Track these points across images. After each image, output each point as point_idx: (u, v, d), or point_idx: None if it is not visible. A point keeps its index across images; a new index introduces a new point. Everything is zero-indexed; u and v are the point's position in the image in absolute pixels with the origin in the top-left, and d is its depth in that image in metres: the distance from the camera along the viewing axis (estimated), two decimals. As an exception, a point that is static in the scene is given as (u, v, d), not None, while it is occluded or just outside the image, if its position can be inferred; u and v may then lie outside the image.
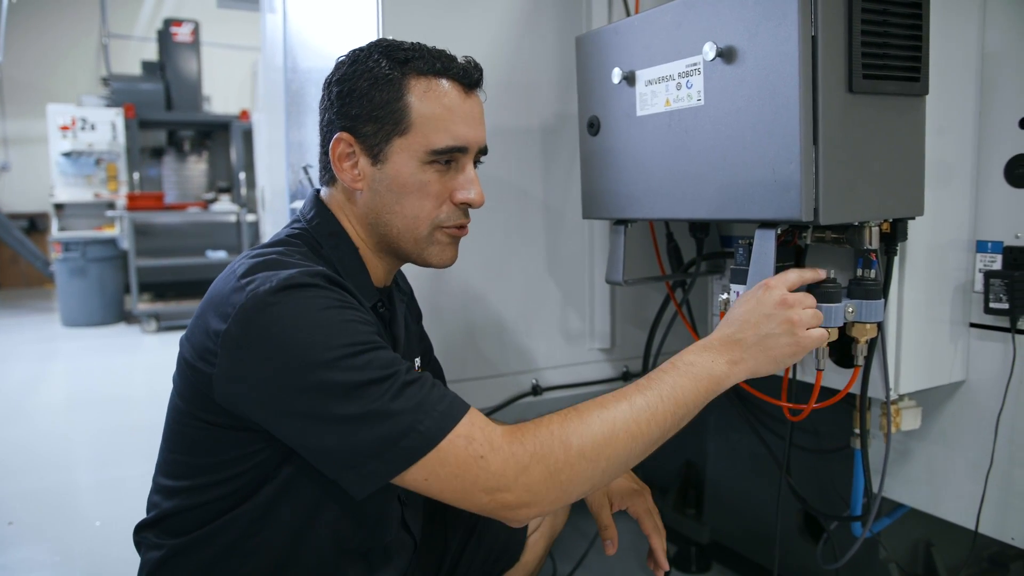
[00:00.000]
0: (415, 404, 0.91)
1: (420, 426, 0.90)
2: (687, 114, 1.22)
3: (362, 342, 0.93)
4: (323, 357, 0.90)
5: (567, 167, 1.74)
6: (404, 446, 0.90)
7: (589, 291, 1.81)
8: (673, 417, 1.00)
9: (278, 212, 2.60)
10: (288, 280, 0.93)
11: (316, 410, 0.91)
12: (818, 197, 1.06)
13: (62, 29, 9.60)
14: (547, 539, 1.47)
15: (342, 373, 0.90)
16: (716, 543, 2.09)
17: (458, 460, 0.90)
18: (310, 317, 0.92)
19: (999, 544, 1.37)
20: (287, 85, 2.24)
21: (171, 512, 1.07)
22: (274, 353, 0.91)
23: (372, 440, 0.90)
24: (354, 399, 0.90)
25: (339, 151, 1.10)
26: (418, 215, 1.10)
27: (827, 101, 1.05)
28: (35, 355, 5.77)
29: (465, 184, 1.11)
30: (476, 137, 1.11)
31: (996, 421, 1.30)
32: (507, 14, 1.65)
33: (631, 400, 0.97)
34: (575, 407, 0.97)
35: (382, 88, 1.06)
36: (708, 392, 1.03)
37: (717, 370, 1.03)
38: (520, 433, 0.93)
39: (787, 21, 1.03)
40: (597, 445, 0.94)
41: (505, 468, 0.90)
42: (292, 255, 1.04)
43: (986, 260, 1.31)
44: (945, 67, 1.24)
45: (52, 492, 2.91)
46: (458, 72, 1.09)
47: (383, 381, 0.91)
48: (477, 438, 0.91)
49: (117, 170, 7.14)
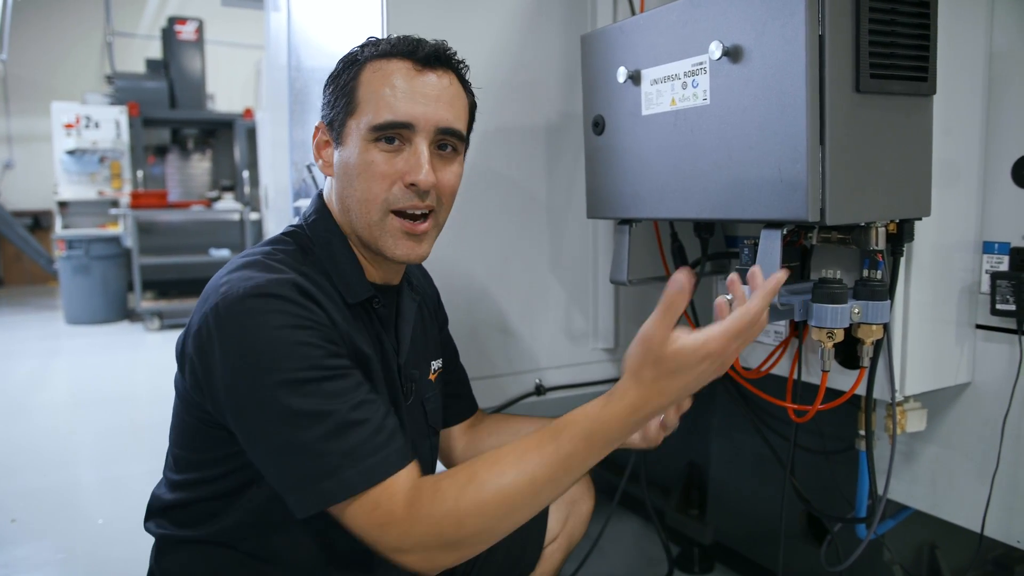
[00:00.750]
0: (347, 449, 0.92)
1: (341, 474, 0.91)
2: (693, 113, 1.21)
3: (313, 366, 0.93)
4: (269, 378, 0.92)
5: (571, 166, 1.73)
6: (321, 488, 0.91)
7: (593, 291, 1.80)
8: (572, 481, 0.95)
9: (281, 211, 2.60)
10: (255, 289, 0.95)
11: (258, 426, 0.94)
12: (824, 197, 1.05)
13: (66, 27, 9.61)
14: (564, 551, 1.45)
15: (284, 398, 0.92)
16: (719, 544, 2.09)
17: (361, 521, 0.93)
18: (265, 334, 0.93)
19: (1004, 547, 1.37)
20: (291, 83, 2.24)
21: (173, 504, 1.12)
22: (229, 363, 0.94)
23: (296, 473, 0.93)
24: (290, 427, 0.92)
25: (317, 139, 1.14)
26: (367, 197, 1.07)
27: (834, 101, 1.04)
28: (39, 353, 5.78)
29: (413, 164, 1.06)
30: (424, 113, 1.06)
31: (1002, 423, 1.29)
32: (512, 13, 1.65)
33: (534, 474, 0.92)
34: (475, 472, 0.93)
35: (346, 72, 1.10)
36: (606, 453, 0.95)
37: (624, 437, 0.93)
38: (418, 504, 0.92)
39: (794, 20, 1.03)
40: (491, 520, 0.93)
41: (402, 539, 0.92)
42: (276, 256, 1.06)
43: (993, 261, 1.30)
44: (952, 67, 1.23)
45: (55, 490, 2.92)
46: (408, 49, 1.08)
47: (322, 415, 0.92)
48: (383, 506, 0.92)
49: (121, 168, 7.16)
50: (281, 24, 2.32)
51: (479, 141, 1.58)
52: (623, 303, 1.84)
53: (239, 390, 0.94)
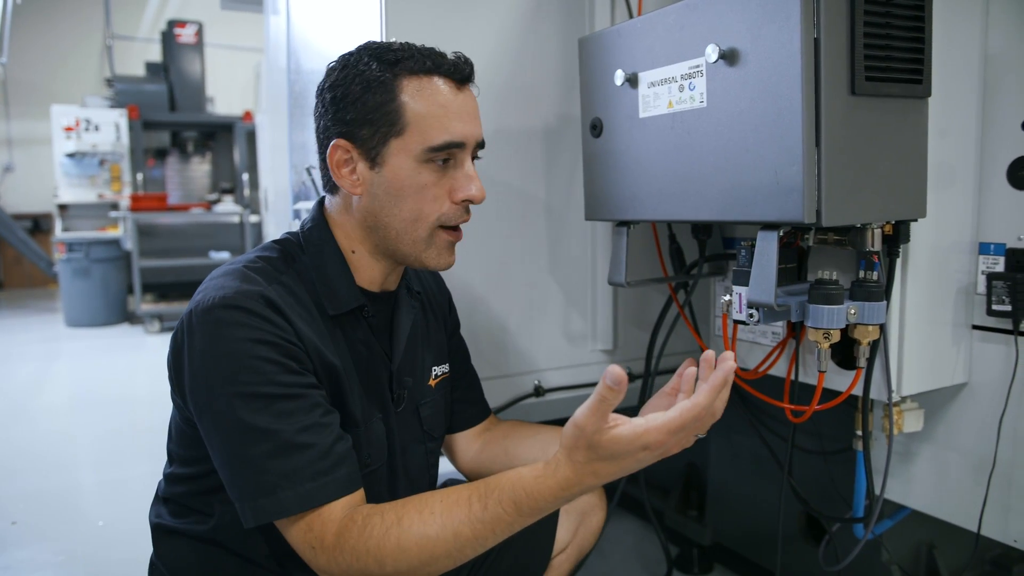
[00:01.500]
0: (287, 471, 0.95)
1: (279, 493, 0.95)
2: (690, 116, 1.22)
3: (267, 382, 0.96)
4: (224, 389, 0.96)
5: (569, 169, 1.74)
6: (260, 504, 0.95)
7: (591, 292, 1.81)
8: (494, 543, 0.95)
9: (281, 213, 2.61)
10: (223, 300, 0.99)
11: (213, 433, 0.99)
12: (820, 199, 1.06)
13: (66, 30, 9.62)
14: (573, 562, 1.42)
15: (235, 411, 0.95)
16: (718, 544, 2.09)
17: (297, 540, 0.98)
18: (225, 346, 0.97)
19: (1002, 546, 1.37)
20: (290, 86, 2.25)
21: (168, 497, 1.18)
22: (192, 369, 0.99)
23: (240, 485, 0.97)
24: (237, 439, 0.96)
25: (336, 158, 1.10)
26: (417, 217, 1.10)
27: (829, 103, 1.05)
28: (38, 355, 5.78)
29: (465, 181, 1.10)
30: (472, 132, 1.10)
31: (999, 423, 1.30)
32: (510, 15, 1.66)
33: (457, 529, 0.93)
34: (400, 517, 0.94)
35: (375, 91, 1.06)
36: (533, 520, 0.94)
37: (551, 509, 0.93)
38: (346, 535, 0.95)
39: (790, 23, 1.04)
40: (411, 567, 0.94)
41: (329, 566, 0.96)
42: (258, 263, 1.09)
43: (988, 262, 1.31)
44: (947, 69, 1.24)
45: (55, 492, 2.92)
46: (449, 68, 1.09)
47: (268, 433, 0.95)
48: (315, 530, 0.96)
49: (121, 171, 7.17)
50: (280, 27, 2.32)
51: (478, 144, 1.59)
52: (621, 304, 1.84)
53: (200, 396, 0.99)
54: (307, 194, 2.06)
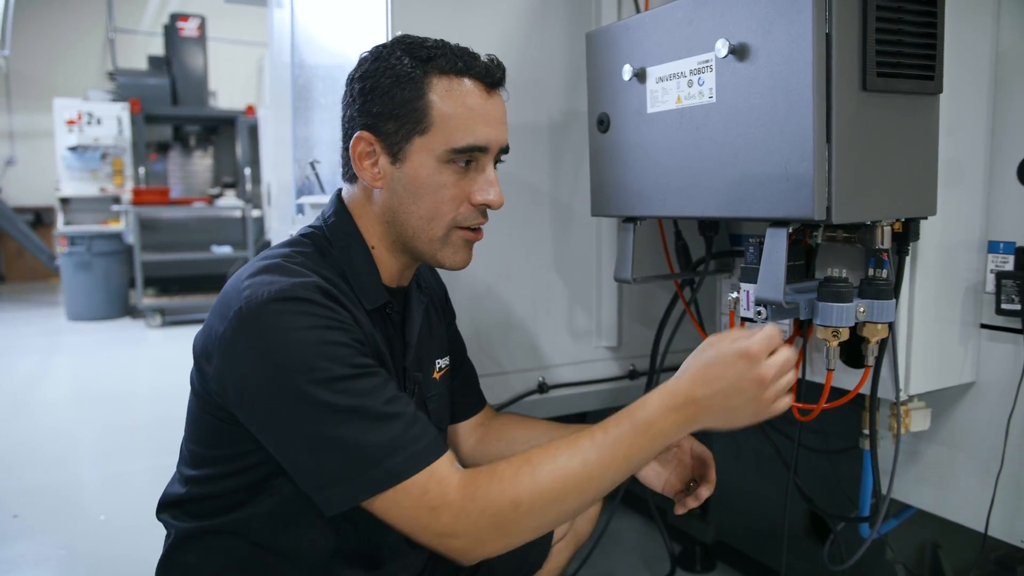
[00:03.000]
0: (386, 440, 0.93)
1: (386, 463, 0.93)
2: (698, 112, 1.21)
3: (345, 364, 0.95)
4: (303, 377, 0.92)
5: (576, 164, 1.73)
6: (368, 477, 0.93)
7: (596, 289, 1.80)
8: (623, 472, 0.99)
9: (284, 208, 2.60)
10: (280, 293, 0.95)
11: (291, 426, 0.94)
12: (831, 196, 1.05)
13: (69, 23, 9.61)
14: (571, 548, 1.45)
15: (319, 395, 0.92)
16: (722, 543, 2.09)
17: (411, 507, 0.94)
18: (295, 335, 0.94)
19: (1008, 547, 1.37)
20: (294, 81, 2.24)
21: (186, 498, 1.12)
22: (259, 364, 0.94)
23: (338, 466, 0.93)
24: (326, 422, 0.93)
25: (360, 149, 1.09)
26: (434, 216, 1.09)
27: (841, 99, 1.04)
28: (40, 349, 5.79)
29: (484, 185, 1.10)
30: (497, 137, 1.10)
31: (1007, 423, 1.29)
32: (516, 10, 1.64)
33: (584, 456, 0.96)
34: (528, 458, 0.97)
35: (404, 86, 1.06)
36: (660, 449, 1.00)
37: (673, 432, 0.99)
38: (474, 486, 0.95)
39: (801, 18, 1.03)
40: (546, 502, 0.95)
41: (455, 521, 0.93)
42: (296, 259, 1.06)
43: (998, 261, 1.30)
44: (958, 66, 1.23)
45: (57, 486, 2.92)
46: (480, 71, 1.09)
47: (357, 412, 0.93)
48: (432, 490, 0.94)
49: (123, 164, 7.17)
50: (284, 21, 2.31)
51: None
52: (626, 301, 1.84)
53: (271, 392, 0.94)
54: (310, 189, 2.05)
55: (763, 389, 0.98)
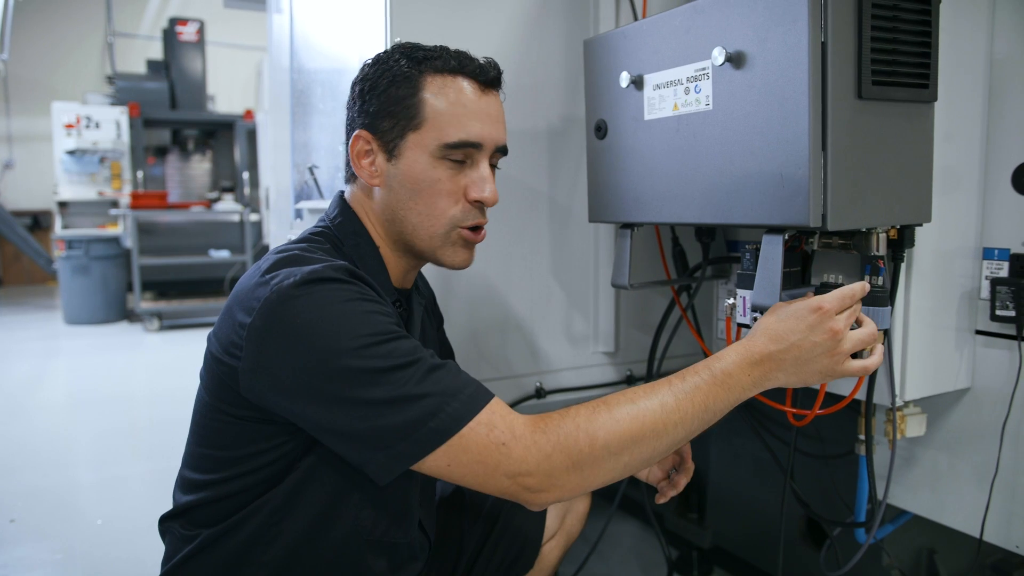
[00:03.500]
0: (441, 389, 0.93)
1: (447, 408, 0.92)
2: (695, 119, 1.21)
3: (384, 331, 0.95)
4: (348, 345, 0.92)
5: (573, 170, 1.74)
6: (432, 427, 0.91)
7: (594, 294, 1.81)
8: (699, 422, 0.99)
9: (283, 212, 2.60)
10: (312, 274, 0.95)
11: (343, 396, 0.92)
12: (826, 203, 1.06)
13: (68, 27, 9.62)
14: (562, 548, 1.47)
15: (367, 360, 0.92)
16: (718, 548, 2.09)
17: (480, 446, 0.92)
18: (333, 308, 0.94)
19: (1003, 552, 1.37)
20: (293, 85, 2.24)
21: (196, 504, 1.09)
22: (299, 344, 0.93)
23: (400, 423, 0.92)
24: (381, 384, 0.92)
25: (358, 148, 1.12)
26: (432, 212, 1.11)
27: (836, 107, 1.05)
28: (37, 353, 5.77)
29: (479, 182, 1.11)
30: (490, 134, 1.12)
31: (1002, 429, 1.29)
32: (515, 16, 1.65)
33: (663, 399, 0.97)
34: (604, 400, 0.98)
35: (399, 85, 1.09)
36: (735, 403, 1.02)
37: (748, 385, 1.02)
38: (544, 423, 0.94)
39: (797, 27, 1.03)
40: (623, 441, 0.94)
41: (527, 455, 0.92)
42: (315, 251, 1.07)
43: (993, 267, 1.31)
44: (953, 74, 1.24)
45: (53, 490, 2.91)
46: (474, 70, 1.11)
47: (408, 367, 0.93)
48: (499, 425, 0.93)
49: (121, 168, 7.16)
50: (283, 26, 2.32)
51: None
52: (624, 307, 1.84)
53: (317, 367, 0.92)
54: (309, 194, 2.05)
55: (836, 342, 1.02)
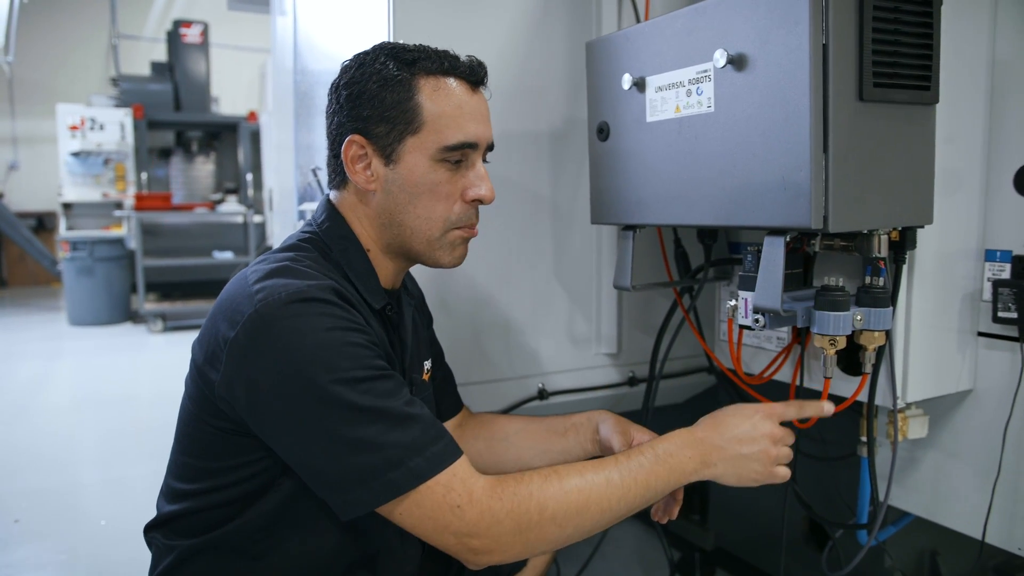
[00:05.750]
0: (408, 441, 0.94)
1: (409, 463, 0.93)
2: (697, 121, 1.22)
3: (365, 366, 0.95)
4: (324, 377, 0.92)
5: (575, 172, 1.74)
6: (390, 479, 0.92)
7: (596, 296, 1.81)
8: (640, 500, 1.04)
9: (286, 214, 2.61)
10: (297, 294, 0.95)
11: (311, 428, 0.93)
12: (827, 205, 1.06)
13: (72, 29, 9.65)
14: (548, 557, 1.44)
15: (341, 396, 0.92)
16: (720, 549, 2.09)
17: (434, 505, 0.94)
18: (315, 336, 0.94)
19: (1006, 554, 1.37)
20: (296, 87, 2.25)
21: (179, 514, 1.09)
22: (277, 366, 0.93)
23: (360, 466, 0.92)
24: (350, 423, 0.92)
25: (351, 153, 1.11)
26: (431, 215, 1.11)
27: (837, 109, 1.05)
28: (41, 354, 5.79)
29: (476, 181, 1.12)
30: (484, 133, 1.13)
31: (1004, 430, 1.29)
32: (517, 19, 1.66)
33: (609, 475, 1.01)
34: (556, 469, 1.01)
35: (392, 89, 1.08)
36: (675, 485, 1.07)
37: (689, 469, 1.07)
38: (501, 488, 0.96)
39: (798, 29, 1.04)
40: (568, 513, 0.98)
41: (480, 520, 0.94)
42: (303, 261, 1.06)
43: (995, 269, 1.31)
44: (955, 76, 1.24)
45: (57, 491, 2.92)
46: (464, 70, 1.11)
47: (380, 412, 0.94)
48: (456, 488, 0.95)
49: (125, 170, 7.19)
50: (287, 28, 2.33)
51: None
52: (626, 308, 1.84)
53: (291, 393, 0.93)
54: (312, 195, 2.06)
55: (773, 445, 1.09)
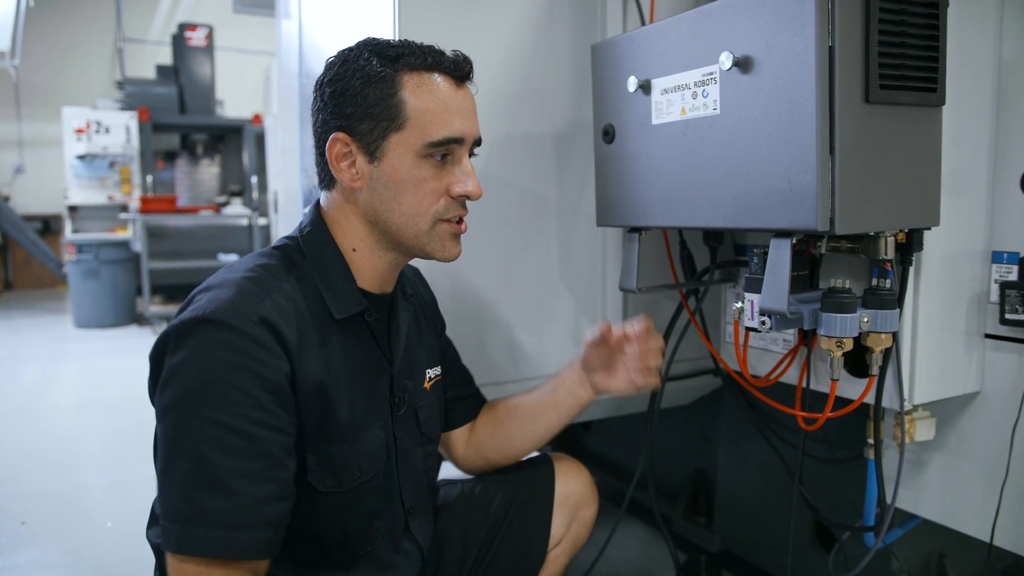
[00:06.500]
0: (209, 509, 0.92)
1: (192, 529, 0.92)
2: (703, 123, 1.22)
3: (228, 412, 0.94)
4: (184, 404, 0.94)
5: (581, 174, 1.74)
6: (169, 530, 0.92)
7: (601, 298, 1.81)
8: None
9: (291, 216, 2.61)
10: (213, 315, 0.96)
11: (160, 441, 0.96)
12: (834, 207, 1.06)
13: (78, 33, 9.69)
14: (568, 555, 1.44)
15: (186, 429, 0.93)
16: (727, 552, 2.08)
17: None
18: (202, 363, 0.95)
19: (1014, 556, 1.37)
20: (301, 90, 2.26)
21: None
22: (167, 375, 0.97)
23: (163, 501, 0.94)
24: (177, 455, 0.94)
25: (336, 151, 1.10)
26: (416, 211, 1.10)
27: (844, 111, 1.05)
28: (47, 356, 5.81)
29: (462, 177, 1.12)
30: (470, 128, 1.12)
31: (1011, 432, 1.29)
32: (522, 21, 1.66)
33: None
34: None
35: (376, 85, 1.07)
36: None
37: None
38: None
39: (805, 31, 1.04)
40: None
41: None
42: (257, 273, 1.05)
43: (1002, 271, 1.31)
44: (961, 77, 1.24)
45: (63, 493, 2.93)
46: (448, 65, 1.11)
47: (205, 465, 0.92)
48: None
49: (130, 173, 7.21)
50: (292, 31, 2.33)
51: (489, 148, 1.59)
52: (632, 311, 1.84)
53: (162, 402, 0.97)
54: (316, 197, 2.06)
55: None
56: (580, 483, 1.46)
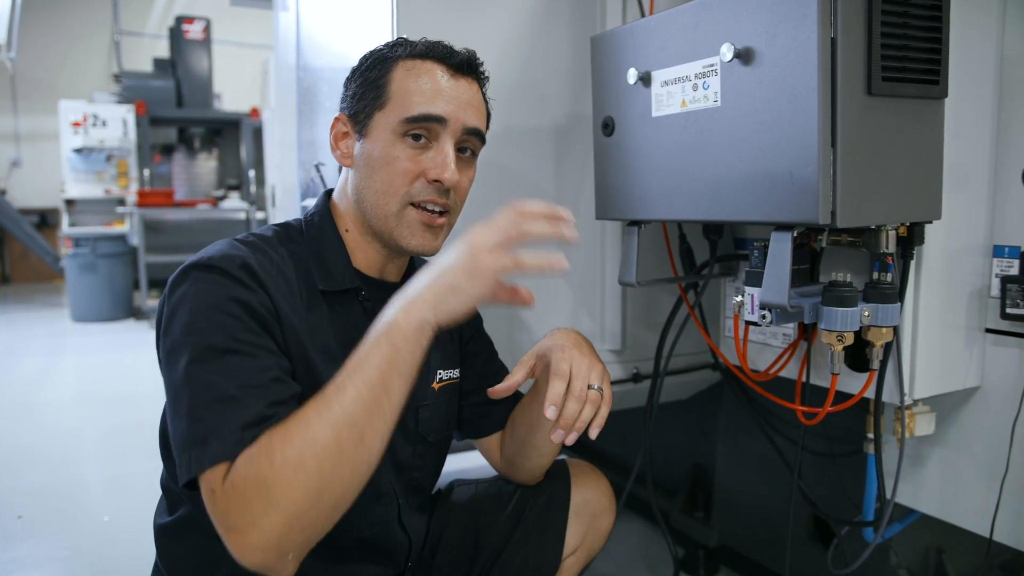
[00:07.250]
0: (222, 421, 0.88)
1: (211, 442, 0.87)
2: (703, 115, 1.21)
3: (223, 336, 0.94)
4: (181, 338, 0.95)
5: (580, 167, 1.73)
6: (192, 456, 0.88)
7: (600, 291, 1.80)
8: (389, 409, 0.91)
9: (288, 210, 2.60)
10: (201, 260, 1.00)
11: (166, 383, 0.97)
12: (835, 200, 1.05)
13: (75, 26, 9.65)
14: (582, 564, 1.40)
15: (186, 359, 0.93)
16: (725, 547, 2.08)
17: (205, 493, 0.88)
18: (191, 300, 0.97)
19: (1013, 551, 1.36)
20: (299, 83, 2.24)
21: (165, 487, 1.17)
22: (166, 317, 0.99)
23: (177, 435, 0.92)
24: (182, 387, 0.93)
25: (336, 131, 1.16)
26: (386, 189, 1.10)
27: (846, 104, 1.04)
28: (44, 350, 5.80)
29: (440, 161, 1.09)
30: (455, 113, 1.09)
31: (1012, 427, 1.29)
32: (521, 13, 1.65)
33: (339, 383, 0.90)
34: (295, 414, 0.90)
35: (374, 68, 1.12)
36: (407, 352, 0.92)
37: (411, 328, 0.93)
38: None
39: (806, 23, 1.03)
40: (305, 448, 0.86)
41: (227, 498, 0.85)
42: (250, 238, 1.10)
43: (1003, 265, 1.30)
44: (963, 71, 1.23)
45: (61, 487, 2.92)
46: (442, 53, 1.12)
47: (209, 385, 0.91)
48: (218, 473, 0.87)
49: (128, 166, 7.18)
50: (290, 24, 2.32)
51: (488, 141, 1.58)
52: (631, 304, 1.83)
53: (163, 346, 0.98)
54: (315, 191, 2.05)
55: (471, 245, 0.95)
56: (598, 491, 1.41)
